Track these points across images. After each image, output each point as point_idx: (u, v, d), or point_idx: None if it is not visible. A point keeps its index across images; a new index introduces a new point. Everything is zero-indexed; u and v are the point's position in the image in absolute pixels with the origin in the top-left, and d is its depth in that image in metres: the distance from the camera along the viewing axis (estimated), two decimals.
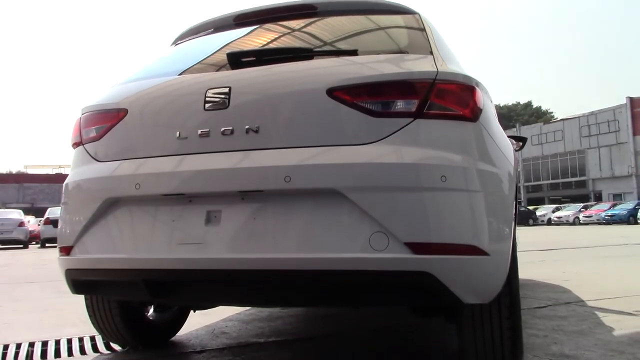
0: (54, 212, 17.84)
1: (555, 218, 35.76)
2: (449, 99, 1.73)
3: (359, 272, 1.59)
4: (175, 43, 2.61)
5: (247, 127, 1.78)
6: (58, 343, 2.77)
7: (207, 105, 1.84)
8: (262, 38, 2.28)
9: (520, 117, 69.62)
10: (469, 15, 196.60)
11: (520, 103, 77.11)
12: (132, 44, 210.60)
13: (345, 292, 1.73)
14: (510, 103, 76.62)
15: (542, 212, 38.46)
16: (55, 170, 57.33)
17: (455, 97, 1.74)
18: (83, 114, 2.18)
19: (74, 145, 2.19)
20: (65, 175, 2.24)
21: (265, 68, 1.90)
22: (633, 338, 2.57)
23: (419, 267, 1.57)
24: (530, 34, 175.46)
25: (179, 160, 1.84)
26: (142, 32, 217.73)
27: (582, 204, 37.74)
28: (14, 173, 58.73)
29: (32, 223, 21.54)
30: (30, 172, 58.99)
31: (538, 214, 37.57)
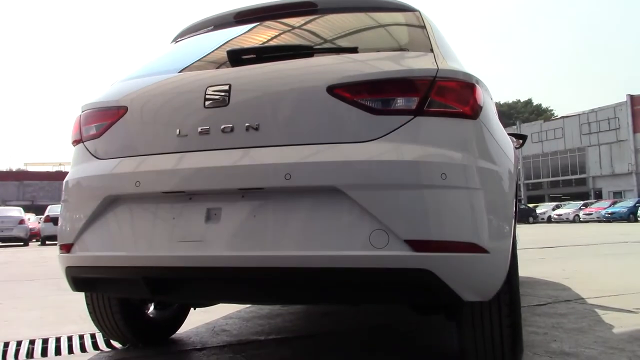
0: (54, 209, 17.87)
1: (556, 216, 35.75)
2: (449, 97, 1.72)
3: (359, 269, 1.59)
4: (176, 40, 2.61)
5: (247, 124, 1.77)
6: (58, 340, 2.77)
7: (207, 103, 1.84)
8: (262, 35, 2.28)
9: (521, 114, 69.53)
10: (469, 13, 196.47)
11: (521, 101, 77.07)
12: (132, 42, 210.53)
13: (345, 289, 1.73)
14: (511, 100, 76.62)
15: (542, 209, 38.45)
16: (56, 168, 57.38)
17: (456, 94, 1.74)
18: (83, 112, 2.18)
19: (74, 143, 2.19)
20: (66, 173, 2.24)
21: (266, 65, 1.90)
22: (633, 335, 2.57)
23: (419, 264, 1.57)
24: (531, 32, 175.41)
25: (179, 158, 1.84)
26: (142, 29, 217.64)
27: (582, 202, 37.72)
28: (14, 170, 58.72)
29: (32, 221, 21.55)
30: (31, 169, 59.04)
31: (538, 212, 37.57)
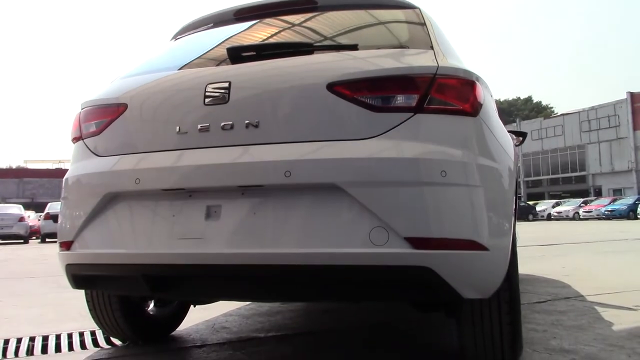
0: (54, 207, 17.86)
1: (555, 213, 35.77)
2: (450, 94, 1.72)
3: (359, 267, 1.59)
4: (175, 38, 2.61)
5: (247, 121, 1.77)
6: (59, 338, 2.77)
7: (207, 100, 1.84)
8: (262, 33, 2.28)
9: (521, 112, 69.50)
10: (469, 10, 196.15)
11: (521, 98, 76.99)
12: (132, 39, 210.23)
13: (345, 286, 1.73)
14: (511, 98, 76.54)
15: (542, 207, 38.45)
16: (55, 165, 57.34)
17: (456, 91, 1.74)
18: (83, 109, 2.18)
19: (74, 140, 2.19)
20: (65, 170, 2.24)
21: (265, 63, 1.90)
22: (632, 333, 2.57)
23: (419, 262, 1.57)
24: (531, 29, 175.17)
25: (179, 155, 1.84)
26: (142, 26, 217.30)
27: (582, 199, 37.74)
28: (14, 168, 58.72)
29: (32, 218, 21.53)
30: (30, 167, 58.99)
31: (538, 209, 37.58)
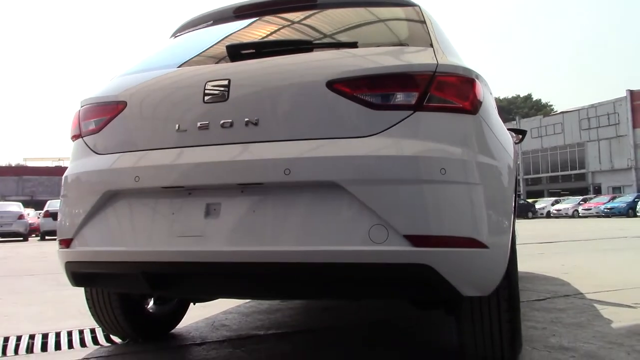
0: (54, 204, 17.84)
1: (555, 211, 35.81)
2: (449, 92, 1.72)
3: (359, 264, 1.59)
4: (175, 35, 2.60)
5: (246, 119, 1.77)
6: (58, 335, 2.77)
7: (206, 98, 1.83)
8: (261, 30, 2.27)
9: (520, 109, 69.49)
10: (469, 8, 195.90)
11: (520, 96, 76.96)
12: (131, 37, 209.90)
13: (344, 284, 1.73)
14: (510, 96, 76.54)
15: (541, 205, 38.49)
16: (55, 163, 57.36)
17: (455, 89, 1.73)
18: (82, 107, 2.18)
19: (73, 138, 2.19)
20: (65, 168, 2.24)
21: (265, 60, 1.90)
22: (631, 330, 2.58)
23: (418, 259, 1.57)
24: (531, 27, 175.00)
25: (179, 153, 1.84)
26: (141, 24, 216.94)
27: (581, 197, 37.79)
28: (14, 166, 58.72)
29: (31, 216, 21.55)
30: (30, 164, 58.98)
31: (537, 207, 37.60)
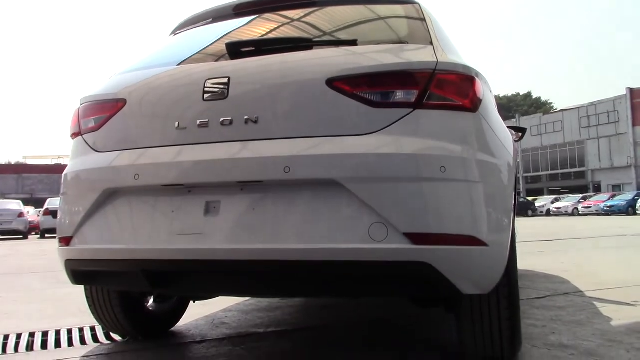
0: (54, 202, 17.85)
1: (554, 209, 35.81)
2: (449, 90, 1.72)
3: (358, 262, 1.59)
4: (174, 33, 2.60)
5: (246, 117, 1.77)
6: (58, 333, 2.78)
7: (206, 96, 1.83)
8: (261, 28, 2.27)
9: (520, 107, 69.47)
10: (469, 6, 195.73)
11: (520, 94, 76.95)
12: (131, 34, 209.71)
13: (344, 282, 1.73)
14: (510, 94, 76.47)
15: (541, 203, 38.51)
16: (55, 161, 57.30)
17: (455, 87, 1.73)
18: (82, 105, 2.18)
19: (73, 136, 2.19)
20: (65, 166, 2.24)
21: (265, 58, 1.89)
22: (631, 328, 2.58)
23: (418, 257, 1.57)
24: (531, 25, 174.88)
25: (178, 151, 1.84)
26: (141, 22, 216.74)
27: (581, 195, 37.77)
28: (13, 164, 58.71)
29: (31, 214, 21.57)
30: (30, 162, 58.95)
31: (537, 205, 37.62)
